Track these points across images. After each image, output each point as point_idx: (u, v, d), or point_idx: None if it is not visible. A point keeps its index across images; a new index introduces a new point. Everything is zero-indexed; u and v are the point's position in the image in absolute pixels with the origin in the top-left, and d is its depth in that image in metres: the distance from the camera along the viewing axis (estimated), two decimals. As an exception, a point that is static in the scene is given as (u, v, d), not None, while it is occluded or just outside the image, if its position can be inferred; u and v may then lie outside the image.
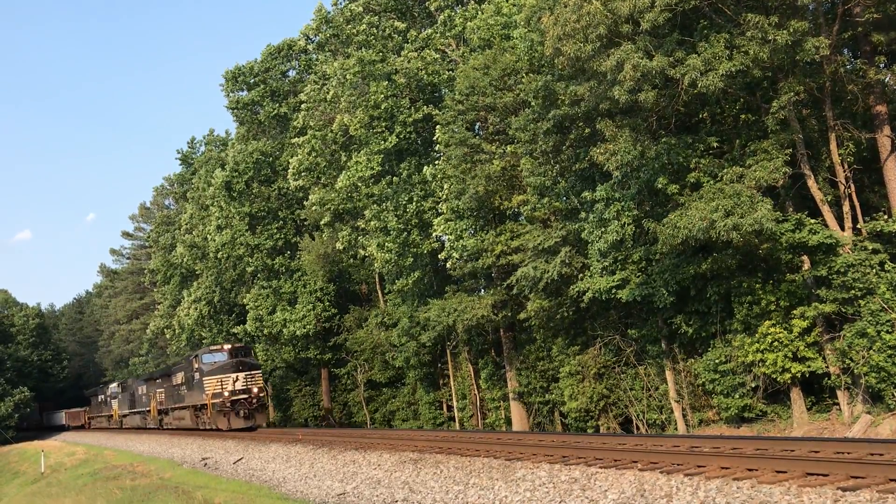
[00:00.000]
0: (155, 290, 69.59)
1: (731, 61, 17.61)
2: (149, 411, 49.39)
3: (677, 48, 18.49)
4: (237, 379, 34.27)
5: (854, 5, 18.62)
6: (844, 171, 19.92)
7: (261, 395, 35.05)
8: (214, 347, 36.84)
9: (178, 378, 40.62)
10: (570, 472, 11.22)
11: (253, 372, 35.18)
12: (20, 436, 64.91)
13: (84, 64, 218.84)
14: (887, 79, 20.00)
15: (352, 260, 39.68)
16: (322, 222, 38.62)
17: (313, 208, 38.48)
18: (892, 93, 20.17)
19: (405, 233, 31.77)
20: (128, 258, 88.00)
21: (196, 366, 36.26)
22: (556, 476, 11.25)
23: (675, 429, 22.94)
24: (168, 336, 62.55)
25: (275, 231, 45.71)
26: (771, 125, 18.90)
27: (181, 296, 56.90)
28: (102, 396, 68.43)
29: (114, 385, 63.81)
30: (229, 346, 36.36)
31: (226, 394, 33.99)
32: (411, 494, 12.88)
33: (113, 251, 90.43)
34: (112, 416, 62.45)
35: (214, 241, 46.18)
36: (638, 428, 24.55)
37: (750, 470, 9.36)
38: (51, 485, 30.07)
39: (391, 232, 31.91)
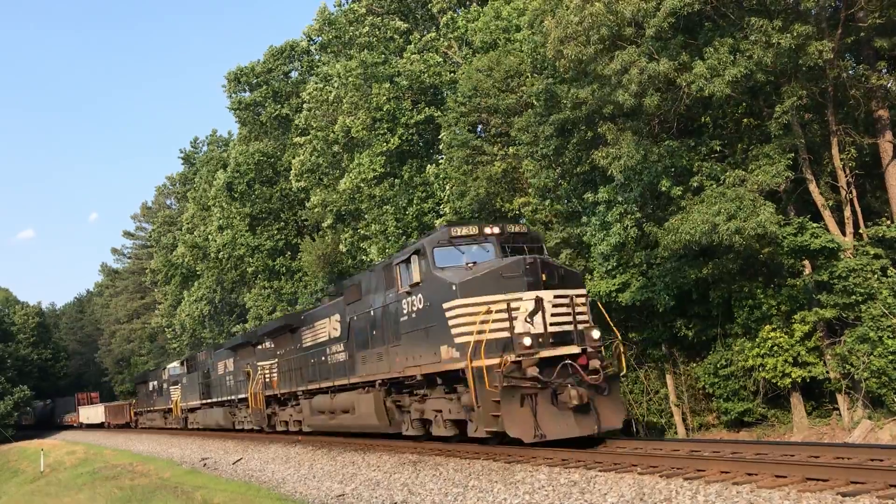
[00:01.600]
0: (156, 289, 69.71)
1: (736, 66, 17.60)
2: (243, 400, 30.21)
3: (682, 51, 18.49)
4: (540, 305, 14.01)
5: (857, 10, 18.61)
6: (846, 176, 19.91)
7: (599, 345, 14.56)
8: (460, 232, 15.70)
9: (329, 326, 21.05)
10: (570, 475, 11.20)
11: (571, 291, 14.72)
12: (20, 434, 64.84)
13: (87, 63, 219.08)
14: (889, 84, 19.99)
15: (351, 261, 39.71)
16: (324, 224, 38.63)
17: (315, 210, 38.50)
18: (894, 98, 20.16)
19: (405, 236, 31.78)
20: (129, 258, 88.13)
21: (419, 269, 15.62)
22: (556, 479, 11.24)
23: (675, 432, 22.90)
24: (169, 335, 62.62)
25: (275, 232, 45.73)
26: (774, 130, 18.88)
27: (182, 296, 56.97)
28: (155, 383, 50.43)
29: (174, 365, 45.89)
30: (496, 230, 15.81)
31: (525, 341, 13.63)
32: (410, 496, 12.86)
33: (114, 250, 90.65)
34: (171, 410, 45.27)
35: (215, 241, 46.22)
36: (638, 431, 24.53)
37: (750, 474, 9.34)
38: (50, 483, 30.07)
39: (390, 238, 31.92)
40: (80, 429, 70.00)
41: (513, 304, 13.76)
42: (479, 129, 29.72)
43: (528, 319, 13.71)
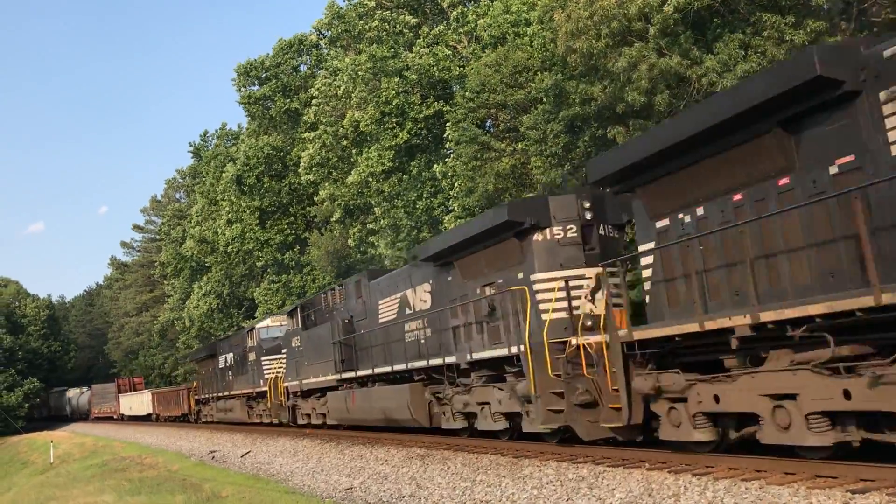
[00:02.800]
0: (165, 282, 69.94)
1: (747, 61, 17.54)
2: (483, 365, 14.62)
3: (691, 47, 18.44)
4: None
5: (870, 5, 18.50)
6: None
7: None
8: None
9: None
10: (578, 471, 11.19)
11: None
12: (29, 426, 65.26)
13: (98, 56, 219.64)
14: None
15: (359, 255, 39.77)
16: (333, 219, 38.70)
17: (324, 204, 38.59)
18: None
19: (416, 231, 31.79)
20: (138, 251, 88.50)
21: None
22: (564, 474, 11.23)
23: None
24: (179, 328, 62.80)
25: (285, 226, 45.82)
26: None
27: (191, 289, 57.17)
28: (230, 356, 34.48)
29: (268, 324, 30.31)
30: None
31: None
32: (418, 490, 12.88)
33: (123, 244, 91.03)
34: (265, 394, 28.67)
35: (224, 235, 46.36)
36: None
37: (759, 471, 9.31)
38: (59, 475, 30.25)
39: (401, 231, 31.94)
40: (121, 422, 59.01)
41: None
42: (487, 125, 29.71)
43: None
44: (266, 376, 28.64)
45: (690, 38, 18.56)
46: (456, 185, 29.25)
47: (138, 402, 55.63)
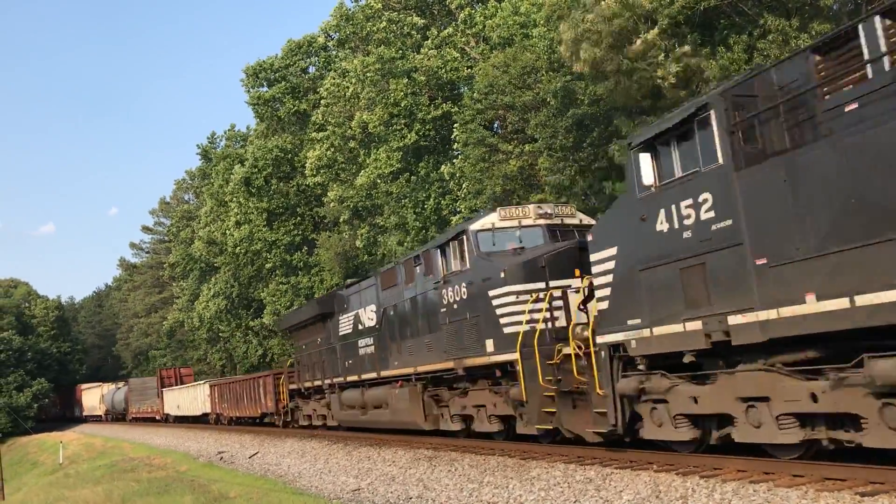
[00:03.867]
0: (174, 283, 70.18)
1: (750, 64, 17.52)
2: None
3: (698, 48, 18.42)
4: None
5: (878, 6, 18.44)
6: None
7: None
8: None
9: None
10: (586, 472, 11.19)
11: None
12: (39, 427, 65.56)
13: (107, 58, 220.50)
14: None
15: (367, 256, 39.81)
16: (341, 219, 38.76)
17: (332, 205, 38.65)
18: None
19: (424, 230, 31.83)
20: (147, 252, 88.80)
21: None
22: (571, 476, 11.23)
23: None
24: (188, 328, 62.92)
25: (292, 227, 45.88)
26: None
27: (200, 290, 57.32)
28: (375, 310, 19.05)
29: (493, 223, 14.39)
30: None
31: None
32: (426, 491, 12.89)
33: (133, 245, 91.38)
34: (504, 370, 13.56)
35: (233, 236, 46.47)
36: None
37: (767, 473, 9.29)
38: (68, 476, 30.38)
39: (410, 230, 31.99)
40: (167, 423, 47.79)
41: None
42: (495, 126, 29.72)
43: None
44: (508, 330, 13.27)
45: (697, 40, 18.53)
46: (464, 186, 29.26)
47: (189, 398, 42.82)
